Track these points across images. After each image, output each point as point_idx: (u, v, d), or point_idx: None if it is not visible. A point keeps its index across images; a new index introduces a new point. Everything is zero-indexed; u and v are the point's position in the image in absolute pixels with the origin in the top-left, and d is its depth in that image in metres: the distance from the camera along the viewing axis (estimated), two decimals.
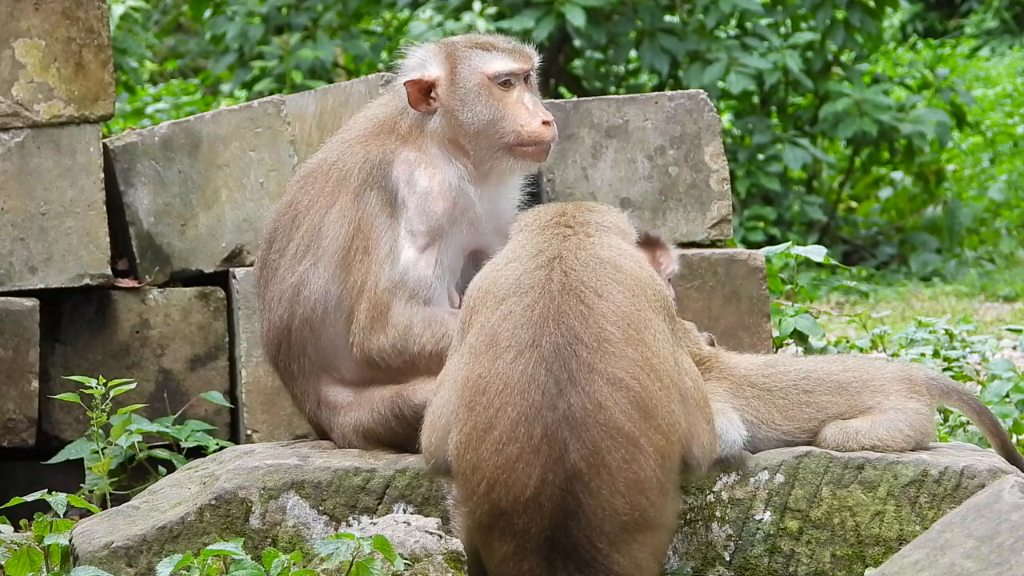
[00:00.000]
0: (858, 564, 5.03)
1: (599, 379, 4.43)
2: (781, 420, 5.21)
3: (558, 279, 4.57)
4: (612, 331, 4.49)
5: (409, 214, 5.36)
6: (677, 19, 15.57)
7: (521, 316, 4.53)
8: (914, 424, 5.18)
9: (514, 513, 4.40)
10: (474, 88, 5.43)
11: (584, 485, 4.38)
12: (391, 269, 5.30)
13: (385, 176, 5.38)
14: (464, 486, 4.51)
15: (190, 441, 6.22)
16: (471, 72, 5.44)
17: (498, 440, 4.42)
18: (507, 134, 5.43)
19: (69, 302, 6.46)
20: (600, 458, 4.39)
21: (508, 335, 4.50)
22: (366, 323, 5.28)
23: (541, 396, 4.42)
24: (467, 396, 4.51)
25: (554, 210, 4.94)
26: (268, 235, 5.56)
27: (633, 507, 4.41)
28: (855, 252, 16.20)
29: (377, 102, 5.64)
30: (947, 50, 22.73)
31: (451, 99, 5.43)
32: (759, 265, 6.46)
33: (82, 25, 6.44)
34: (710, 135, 6.69)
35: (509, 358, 4.47)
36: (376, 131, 5.49)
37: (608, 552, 4.40)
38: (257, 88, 15.96)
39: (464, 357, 4.60)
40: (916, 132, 15.49)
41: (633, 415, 4.43)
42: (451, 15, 16.45)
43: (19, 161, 6.39)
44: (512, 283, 4.63)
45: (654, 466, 4.43)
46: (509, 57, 5.47)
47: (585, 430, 4.39)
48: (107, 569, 4.83)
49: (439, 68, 5.46)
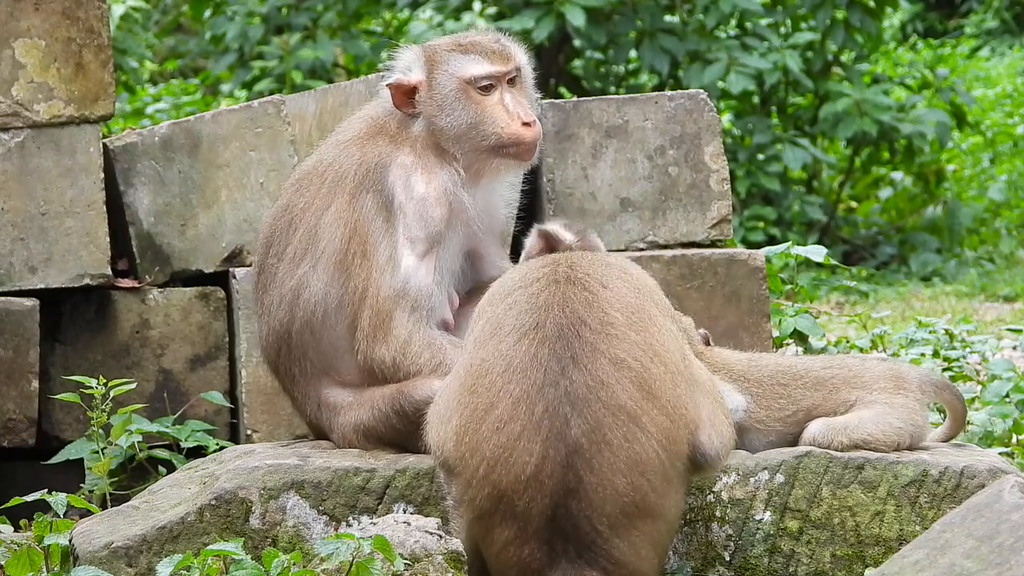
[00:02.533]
0: (858, 564, 5.03)
1: (602, 358, 4.47)
2: (754, 407, 5.23)
3: (564, 272, 4.65)
4: (616, 315, 4.55)
5: (407, 220, 5.35)
6: (677, 19, 15.56)
7: (526, 303, 4.59)
8: (903, 417, 5.18)
9: (515, 494, 4.41)
10: (451, 93, 5.42)
11: (585, 461, 4.40)
12: (392, 277, 5.30)
13: (381, 180, 5.38)
14: (464, 471, 4.52)
15: (190, 441, 6.23)
16: (448, 77, 5.42)
17: (499, 419, 4.45)
18: (488, 136, 5.41)
19: (69, 302, 6.46)
20: (602, 434, 4.40)
21: (512, 321, 4.56)
22: (370, 331, 5.30)
23: (543, 374, 4.45)
24: (469, 381, 4.55)
25: (555, 256, 4.92)
26: (265, 239, 5.56)
27: (634, 488, 4.41)
28: (855, 252, 16.20)
29: (372, 103, 5.64)
30: (947, 50, 22.73)
31: (430, 104, 5.42)
32: (759, 265, 6.46)
33: (82, 25, 6.44)
34: (710, 135, 6.69)
35: (512, 341, 4.52)
36: (370, 133, 5.48)
37: (608, 536, 4.41)
38: (257, 88, 15.96)
39: (468, 348, 4.64)
40: (916, 132, 15.49)
41: (635, 394, 4.45)
42: (451, 15, 16.45)
43: (19, 161, 6.39)
44: (519, 281, 4.71)
45: (656, 447, 4.44)
46: (487, 60, 5.43)
47: (587, 406, 4.42)
48: (107, 569, 4.83)
49: (421, 72, 5.44)
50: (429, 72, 5.43)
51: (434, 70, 5.43)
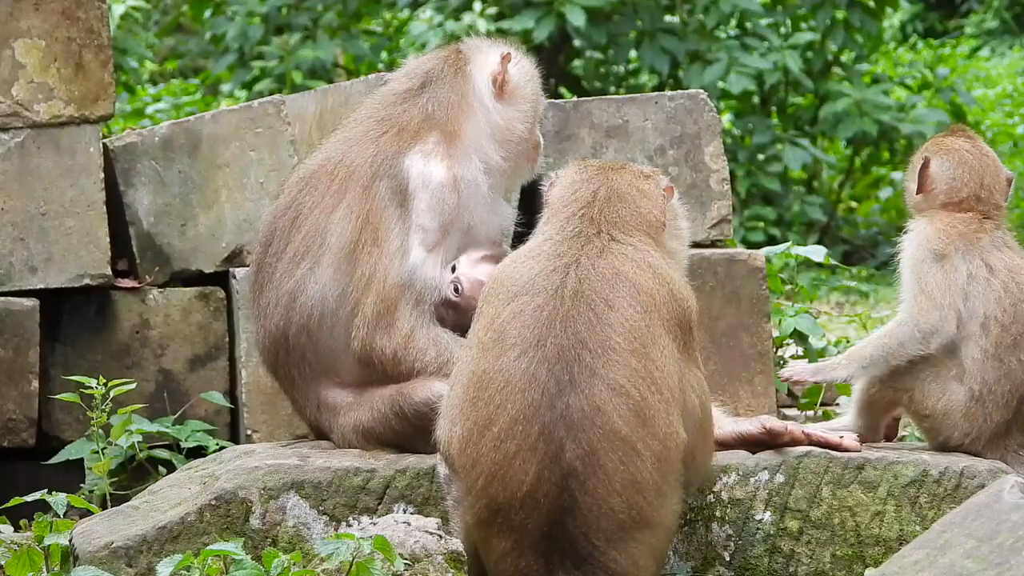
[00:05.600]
0: (858, 564, 5.03)
1: (600, 383, 4.44)
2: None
3: (572, 285, 4.57)
4: (618, 340, 4.49)
5: (421, 207, 5.36)
6: (677, 19, 15.56)
7: (530, 317, 4.53)
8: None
9: (511, 509, 4.42)
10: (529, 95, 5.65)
11: (580, 483, 4.40)
12: (401, 265, 5.30)
13: (397, 166, 5.38)
14: (464, 480, 4.53)
15: (190, 441, 6.22)
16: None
17: (497, 436, 4.44)
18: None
19: (69, 302, 6.46)
20: (596, 459, 4.40)
21: (515, 333, 4.52)
22: (372, 318, 5.28)
23: (541, 395, 4.43)
24: (471, 391, 4.53)
25: (587, 191, 4.87)
26: (264, 237, 5.53)
27: (630, 506, 4.42)
28: (855, 252, 16.20)
29: (379, 102, 5.62)
30: (947, 50, 22.72)
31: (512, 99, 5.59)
32: (759, 265, 6.46)
33: (82, 25, 6.44)
34: (710, 135, 6.69)
35: (513, 356, 4.49)
36: (381, 129, 5.48)
37: (605, 549, 4.41)
38: (257, 88, 15.95)
39: (472, 351, 4.62)
40: (916, 132, 15.48)
41: (631, 420, 4.44)
42: (451, 15, 16.44)
43: (19, 161, 6.39)
44: (526, 281, 4.62)
45: (651, 469, 4.44)
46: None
47: (581, 431, 4.41)
48: (107, 569, 4.82)
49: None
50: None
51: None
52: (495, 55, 5.57)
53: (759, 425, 5.17)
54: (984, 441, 5.26)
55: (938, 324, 5.24)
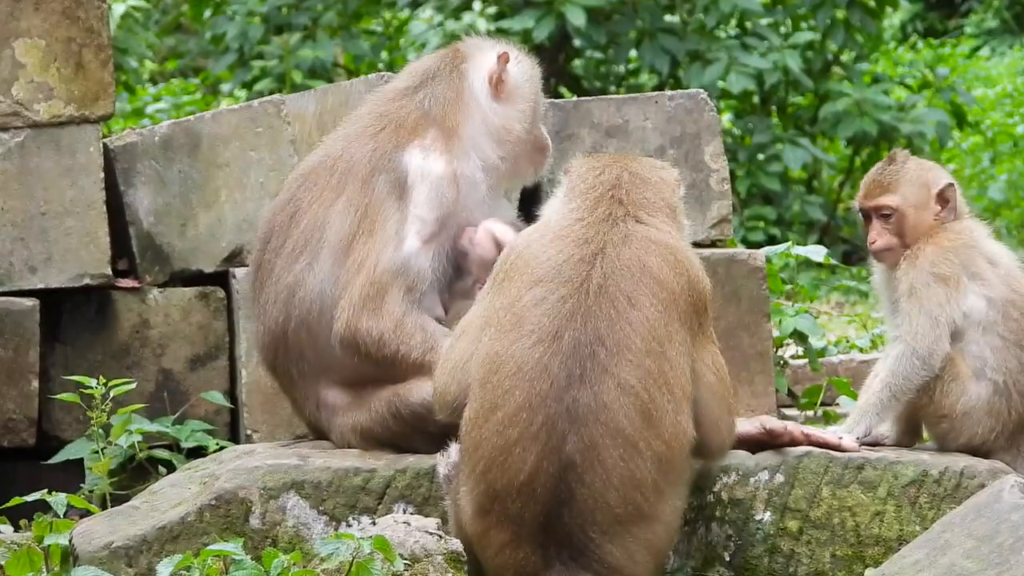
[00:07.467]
0: (858, 564, 5.03)
1: (610, 381, 4.47)
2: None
3: (597, 280, 4.58)
4: (635, 340, 4.52)
5: (420, 199, 5.36)
6: (677, 19, 15.56)
7: (552, 306, 4.55)
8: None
9: (508, 496, 4.45)
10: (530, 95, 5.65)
11: (578, 476, 4.42)
12: (394, 252, 5.30)
13: (396, 160, 5.39)
14: (467, 462, 4.56)
15: (190, 441, 6.22)
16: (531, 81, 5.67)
17: (500, 422, 4.47)
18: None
19: (69, 302, 6.46)
20: (596, 453, 4.43)
21: (534, 321, 4.54)
22: (359, 300, 5.25)
23: (549, 386, 4.47)
24: (483, 373, 4.56)
25: (611, 175, 4.87)
26: (264, 234, 5.53)
27: (626, 502, 4.45)
28: (855, 252, 16.19)
29: (378, 100, 5.62)
30: (947, 50, 22.71)
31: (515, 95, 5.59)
32: (759, 265, 6.46)
33: (82, 25, 6.44)
34: (710, 135, 6.69)
35: (528, 343, 4.51)
36: (381, 125, 5.48)
37: (601, 542, 4.44)
38: (257, 88, 15.94)
39: (490, 331, 4.61)
40: (916, 132, 15.49)
41: (636, 420, 4.46)
42: (451, 15, 16.44)
43: (19, 161, 6.39)
44: (553, 268, 4.62)
45: (651, 468, 4.47)
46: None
47: (584, 426, 4.43)
48: (107, 569, 4.82)
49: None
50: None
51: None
52: (493, 54, 5.57)
53: (759, 425, 5.17)
54: (1004, 438, 5.25)
55: (932, 345, 5.23)
